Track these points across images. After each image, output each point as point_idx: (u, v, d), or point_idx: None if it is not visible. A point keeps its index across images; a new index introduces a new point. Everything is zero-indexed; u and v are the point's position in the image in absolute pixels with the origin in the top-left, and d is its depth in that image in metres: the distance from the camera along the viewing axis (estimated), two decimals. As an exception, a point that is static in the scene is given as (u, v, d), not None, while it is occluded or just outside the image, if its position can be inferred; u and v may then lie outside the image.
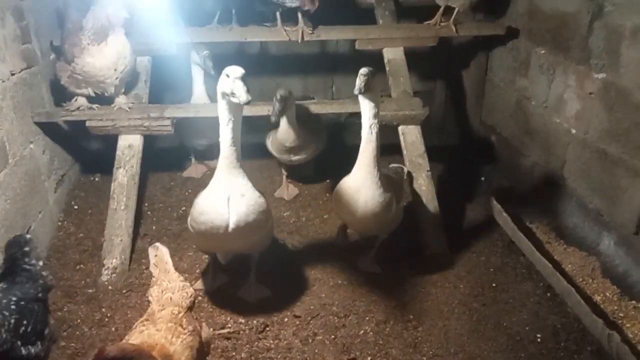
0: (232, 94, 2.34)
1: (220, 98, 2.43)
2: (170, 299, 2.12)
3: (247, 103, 2.33)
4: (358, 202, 2.79)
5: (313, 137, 3.69)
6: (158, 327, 1.98)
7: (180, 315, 2.07)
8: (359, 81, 2.61)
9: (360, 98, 2.69)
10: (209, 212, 2.54)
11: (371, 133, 2.71)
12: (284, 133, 3.52)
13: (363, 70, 2.61)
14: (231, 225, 2.53)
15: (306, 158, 3.78)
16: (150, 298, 2.18)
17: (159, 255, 2.32)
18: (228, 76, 2.36)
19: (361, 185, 2.78)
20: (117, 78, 3.41)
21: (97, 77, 3.35)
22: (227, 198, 2.51)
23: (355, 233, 3.41)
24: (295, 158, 3.73)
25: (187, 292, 2.17)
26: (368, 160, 2.74)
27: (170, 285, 2.17)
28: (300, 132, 3.53)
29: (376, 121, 2.72)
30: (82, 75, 3.34)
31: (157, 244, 2.38)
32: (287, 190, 3.97)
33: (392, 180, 3.05)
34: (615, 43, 3.08)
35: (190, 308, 2.16)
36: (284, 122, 3.46)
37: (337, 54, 4.81)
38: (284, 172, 4.00)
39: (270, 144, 3.74)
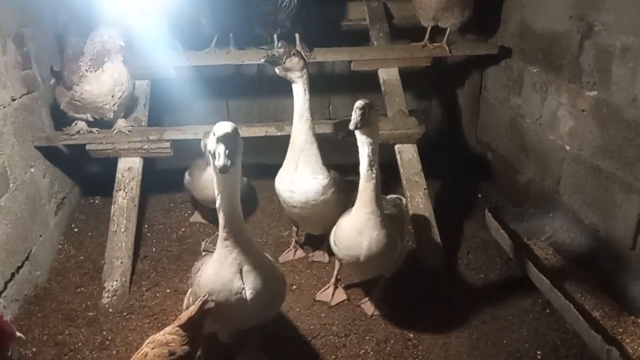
0: (213, 155, 1.94)
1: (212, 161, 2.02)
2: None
3: (223, 171, 1.89)
4: (361, 245, 2.61)
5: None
6: None
7: None
8: (355, 115, 2.40)
9: (357, 133, 2.49)
10: (220, 291, 2.18)
11: (370, 170, 2.52)
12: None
13: (359, 104, 2.40)
14: (249, 302, 2.20)
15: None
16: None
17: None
18: (214, 134, 1.95)
19: (363, 227, 2.58)
20: (114, 104, 3.45)
21: (95, 103, 3.41)
22: (238, 271, 2.18)
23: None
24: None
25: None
26: (369, 199, 2.55)
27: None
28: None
29: (376, 158, 2.53)
30: (81, 101, 3.39)
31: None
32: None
33: (394, 217, 2.85)
34: (605, 61, 3.14)
35: None
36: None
37: (333, 74, 4.88)
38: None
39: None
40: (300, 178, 2.96)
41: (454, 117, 5.06)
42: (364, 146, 2.52)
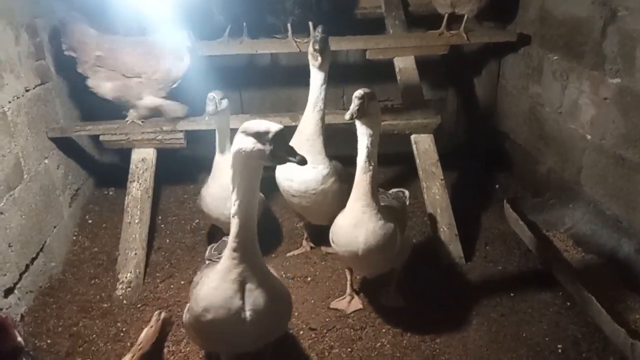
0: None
1: (239, 160, 1.83)
2: None
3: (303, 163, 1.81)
4: (358, 239, 2.50)
5: None
6: None
7: None
8: (352, 105, 2.33)
9: (357, 123, 2.42)
10: (219, 308, 1.96)
11: (368, 162, 2.44)
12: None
13: (358, 93, 2.32)
14: (249, 325, 1.99)
15: None
16: None
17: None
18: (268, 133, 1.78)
19: (359, 220, 2.49)
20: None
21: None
22: (240, 289, 1.96)
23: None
24: None
25: None
26: (364, 191, 2.46)
27: None
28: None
29: (375, 150, 2.45)
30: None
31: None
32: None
33: (394, 210, 2.76)
34: (629, 47, 3.04)
35: None
36: None
37: (347, 64, 4.81)
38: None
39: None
40: (300, 167, 2.88)
41: (471, 107, 4.96)
42: (363, 137, 2.44)
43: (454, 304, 3.01)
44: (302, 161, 1.81)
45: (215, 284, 1.97)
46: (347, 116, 2.35)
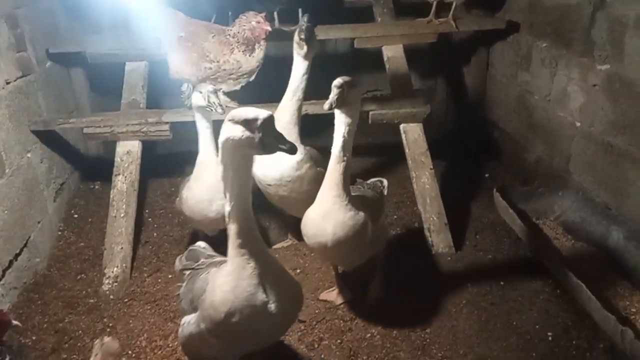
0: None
1: (228, 150, 1.76)
2: None
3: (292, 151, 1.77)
4: (326, 230, 2.42)
5: None
6: None
7: None
8: (332, 94, 2.26)
9: (336, 112, 2.35)
10: (243, 308, 1.88)
11: (343, 152, 2.36)
12: None
13: (337, 82, 2.26)
14: (277, 316, 1.94)
15: None
16: None
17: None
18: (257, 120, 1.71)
19: (328, 211, 2.41)
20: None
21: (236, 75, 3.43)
22: (260, 283, 1.89)
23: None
24: None
25: None
26: (336, 181, 2.38)
27: None
28: None
29: (350, 139, 2.38)
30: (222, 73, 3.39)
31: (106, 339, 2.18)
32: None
33: (367, 199, 2.68)
34: (618, 33, 3.02)
35: None
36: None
37: (336, 53, 4.77)
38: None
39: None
40: (273, 155, 2.76)
41: (460, 96, 4.94)
42: (340, 125, 2.36)
43: (444, 293, 3.00)
44: (292, 149, 1.75)
45: (231, 286, 1.87)
46: (326, 106, 2.28)
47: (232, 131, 1.72)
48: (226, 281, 1.89)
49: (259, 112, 1.72)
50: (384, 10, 4.16)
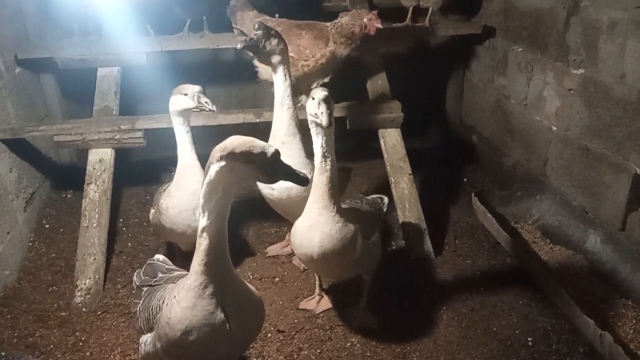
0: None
1: (224, 181, 1.68)
2: None
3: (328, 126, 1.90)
4: (313, 242, 2.36)
5: None
6: None
7: None
8: (324, 111, 2.21)
9: (311, 124, 2.31)
10: (201, 327, 1.80)
11: (324, 162, 2.31)
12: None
13: (322, 96, 2.22)
14: (234, 335, 1.88)
15: None
16: None
17: None
18: (313, 98, 2.00)
19: (315, 222, 2.35)
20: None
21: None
22: (220, 302, 1.82)
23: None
24: None
25: None
26: (322, 192, 2.33)
27: None
28: None
29: (330, 148, 2.32)
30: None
31: None
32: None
33: (360, 213, 2.63)
34: (592, 38, 3.04)
35: None
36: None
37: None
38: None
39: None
40: None
41: (438, 101, 4.95)
42: (317, 136, 2.31)
43: (424, 299, 2.98)
44: (303, 181, 1.73)
45: (191, 303, 1.79)
46: (326, 124, 2.22)
47: (233, 167, 1.65)
48: (186, 297, 1.80)
49: (264, 147, 1.65)
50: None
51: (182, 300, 1.81)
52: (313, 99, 2.25)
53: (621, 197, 2.94)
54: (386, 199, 3.04)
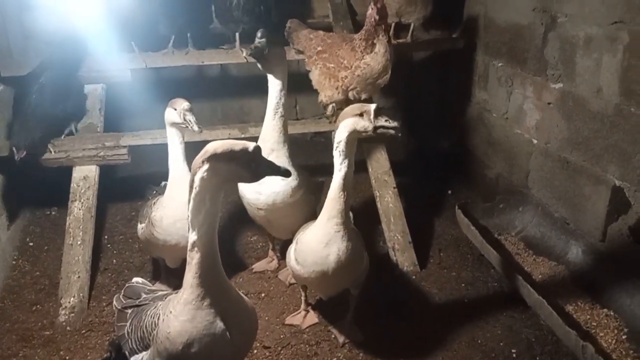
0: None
1: (210, 186, 1.72)
2: None
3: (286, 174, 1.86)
4: (329, 258, 2.39)
5: None
6: None
7: None
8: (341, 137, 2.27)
9: (340, 145, 2.31)
10: (202, 338, 1.84)
11: (345, 181, 2.32)
12: None
13: (374, 107, 2.32)
14: (235, 343, 1.93)
15: None
16: None
17: None
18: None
19: (331, 239, 2.37)
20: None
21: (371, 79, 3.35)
22: (218, 313, 1.86)
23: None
24: None
25: None
26: (340, 210, 2.34)
27: None
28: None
29: (351, 170, 2.33)
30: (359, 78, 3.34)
31: None
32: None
33: (355, 230, 2.65)
34: (569, 53, 3.12)
35: None
36: None
37: (299, 73, 4.76)
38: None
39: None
40: (268, 179, 2.77)
41: (422, 114, 5.01)
42: (344, 160, 2.31)
43: (409, 312, 3.00)
44: (286, 172, 1.83)
45: (190, 316, 1.82)
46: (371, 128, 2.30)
47: (216, 169, 1.68)
48: (184, 310, 1.83)
49: (244, 144, 1.70)
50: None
51: (179, 314, 1.83)
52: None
53: (601, 209, 3.00)
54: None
